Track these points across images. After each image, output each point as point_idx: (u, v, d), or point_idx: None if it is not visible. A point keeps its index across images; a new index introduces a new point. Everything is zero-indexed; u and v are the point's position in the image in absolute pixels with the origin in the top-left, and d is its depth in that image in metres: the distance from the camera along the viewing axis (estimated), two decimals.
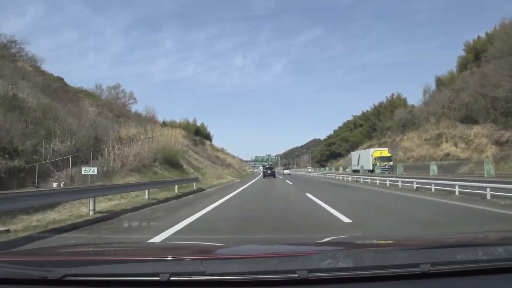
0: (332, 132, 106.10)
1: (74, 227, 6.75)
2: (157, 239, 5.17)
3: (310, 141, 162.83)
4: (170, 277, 1.21)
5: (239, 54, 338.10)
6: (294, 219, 7.36)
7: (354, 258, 1.29)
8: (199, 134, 62.16)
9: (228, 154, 73.99)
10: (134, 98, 48.72)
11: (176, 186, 15.80)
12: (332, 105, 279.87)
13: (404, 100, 71.39)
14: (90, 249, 2.31)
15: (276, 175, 44.24)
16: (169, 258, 1.41)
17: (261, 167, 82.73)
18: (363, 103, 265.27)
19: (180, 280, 1.23)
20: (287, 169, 68.74)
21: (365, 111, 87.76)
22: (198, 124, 71.35)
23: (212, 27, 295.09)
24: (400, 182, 17.56)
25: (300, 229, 6.34)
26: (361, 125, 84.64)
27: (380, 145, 56.66)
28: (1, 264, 1.35)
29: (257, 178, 37.40)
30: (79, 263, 1.39)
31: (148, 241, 4.83)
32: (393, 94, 77.93)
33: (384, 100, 79.65)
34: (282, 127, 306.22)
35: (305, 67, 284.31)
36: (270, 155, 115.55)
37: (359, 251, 1.60)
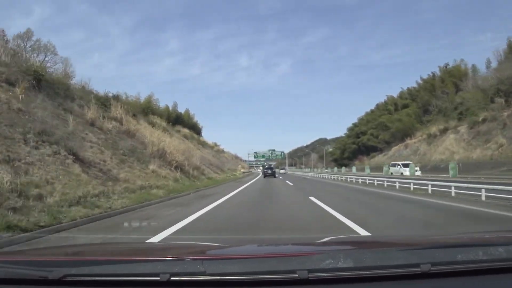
0: (356, 121, 78.93)
1: None
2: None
3: (316, 141, 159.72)
4: (170, 277, 1.21)
5: (244, 54, 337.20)
6: None
7: (354, 258, 1.29)
8: (182, 123, 51.08)
9: (214, 147, 59.53)
10: (56, 54, 28.94)
11: None
12: (337, 105, 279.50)
13: (474, 67, 52.80)
14: (91, 249, 2.32)
15: (276, 175, 44.38)
16: (169, 258, 1.41)
17: (261, 167, 79.33)
18: (367, 103, 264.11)
19: (180, 280, 1.23)
20: (283, 169, 70.29)
21: (407, 88, 64.54)
22: (182, 111, 56.90)
23: (217, 27, 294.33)
24: None
25: None
26: (406, 106, 61.01)
27: (473, 127, 37.43)
28: (1, 264, 1.35)
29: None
30: (79, 263, 1.40)
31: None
32: (446, 64, 57.66)
33: (437, 71, 59.05)
34: (286, 127, 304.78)
35: (310, 67, 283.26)
36: (274, 150, 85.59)
37: (359, 251, 1.60)
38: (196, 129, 60.28)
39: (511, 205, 9.34)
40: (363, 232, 5.64)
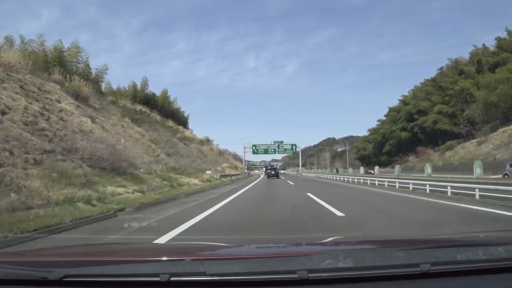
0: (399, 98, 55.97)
1: None
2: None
3: (324, 140, 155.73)
4: (170, 277, 1.21)
5: (252, 55, 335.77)
6: None
7: (354, 258, 1.29)
8: (155, 107, 39.99)
9: (183, 133, 41.56)
10: None
11: None
12: (344, 106, 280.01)
13: None
14: (91, 249, 2.31)
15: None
16: (170, 258, 1.41)
17: (264, 168, 76.01)
18: (374, 102, 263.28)
19: (180, 280, 1.23)
20: (282, 169, 73.57)
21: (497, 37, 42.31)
22: (156, 92, 43.34)
23: (224, 28, 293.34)
24: None
25: None
26: (498, 64, 38.01)
27: None
28: (1, 265, 1.35)
29: None
30: (79, 263, 1.39)
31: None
32: None
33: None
34: (293, 127, 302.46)
35: (317, 68, 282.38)
36: (282, 142, 61.00)
37: (359, 251, 1.60)
38: (177, 118, 46.81)
39: None
40: None
